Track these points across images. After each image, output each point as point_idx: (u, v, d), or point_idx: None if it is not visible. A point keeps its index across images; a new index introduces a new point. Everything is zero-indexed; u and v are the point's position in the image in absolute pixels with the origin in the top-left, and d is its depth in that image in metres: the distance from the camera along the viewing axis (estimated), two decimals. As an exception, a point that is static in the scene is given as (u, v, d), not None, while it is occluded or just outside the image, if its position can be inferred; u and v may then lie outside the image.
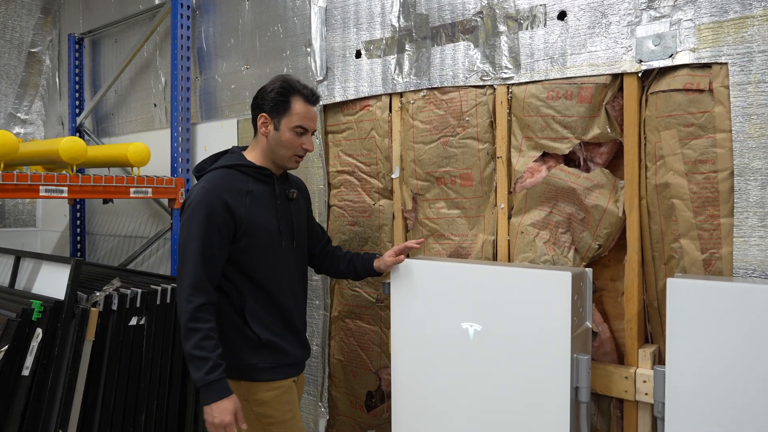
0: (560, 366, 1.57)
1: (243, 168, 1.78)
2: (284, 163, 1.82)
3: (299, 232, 1.91)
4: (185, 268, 1.67)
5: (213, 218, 1.68)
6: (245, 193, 1.75)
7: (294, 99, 1.77)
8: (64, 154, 2.43)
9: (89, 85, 3.70)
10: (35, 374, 2.14)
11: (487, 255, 1.96)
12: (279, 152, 1.79)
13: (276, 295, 1.79)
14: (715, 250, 1.56)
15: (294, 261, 1.88)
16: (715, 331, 1.37)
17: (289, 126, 1.76)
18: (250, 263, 1.76)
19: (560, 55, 1.79)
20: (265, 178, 1.81)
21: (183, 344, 1.66)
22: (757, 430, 1.32)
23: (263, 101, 1.79)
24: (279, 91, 1.77)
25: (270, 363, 1.76)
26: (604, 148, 1.77)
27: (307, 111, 1.78)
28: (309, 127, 1.80)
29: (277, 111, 1.77)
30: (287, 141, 1.77)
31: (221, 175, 1.76)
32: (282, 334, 1.79)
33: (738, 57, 1.50)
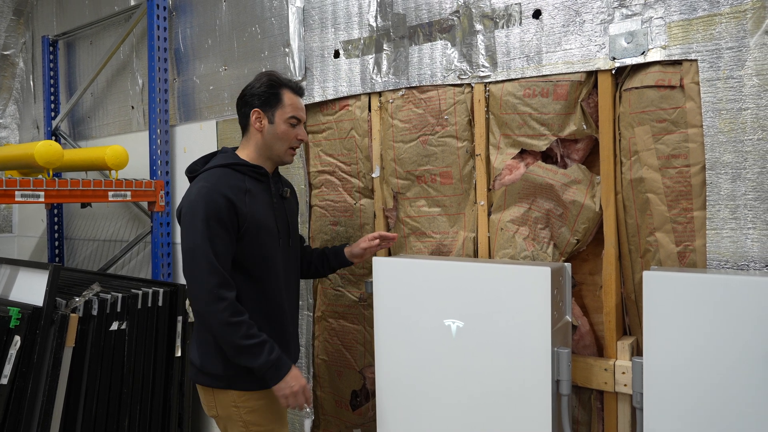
0: (541, 360, 1.59)
1: (238, 167, 1.77)
2: (281, 157, 1.83)
3: (294, 230, 1.93)
4: (202, 269, 1.63)
5: (219, 215, 1.66)
6: (244, 191, 1.73)
7: (283, 91, 1.79)
8: (40, 158, 2.40)
9: (65, 88, 3.65)
10: (14, 383, 2.11)
11: (468, 252, 1.98)
12: (275, 146, 1.80)
13: (273, 295, 1.79)
14: (689, 243, 1.60)
15: (290, 259, 1.89)
16: (690, 321, 1.40)
17: (283, 117, 1.78)
18: (250, 262, 1.74)
19: (536, 53, 1.81)
20: (261, 176, 1.81)
21: (228, 341, 1.63)
22: (732, 417, 1.35)
23: (253, 97, 1.79)
24: (268, 84, 1.78)
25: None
26: (580, 145, 1.79)
27: (297, 101, 1.82)
28: (301, 117, 1.83)
29: (270, 104, 1.78)
30: (283, 133, 1.79)
31: (219, 174, 1.73)
32: (276, 338, 1.77)
33: (707, 54, 1.53)
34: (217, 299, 1.62)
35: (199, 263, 1.64)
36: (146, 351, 2.45)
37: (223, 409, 1.75)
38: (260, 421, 1.75)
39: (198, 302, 1.65)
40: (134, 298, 2.41)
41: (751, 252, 1.49)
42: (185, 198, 1.72)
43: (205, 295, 1.62)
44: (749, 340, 1.32)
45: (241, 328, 1.63)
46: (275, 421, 1.79)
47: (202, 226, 1.64)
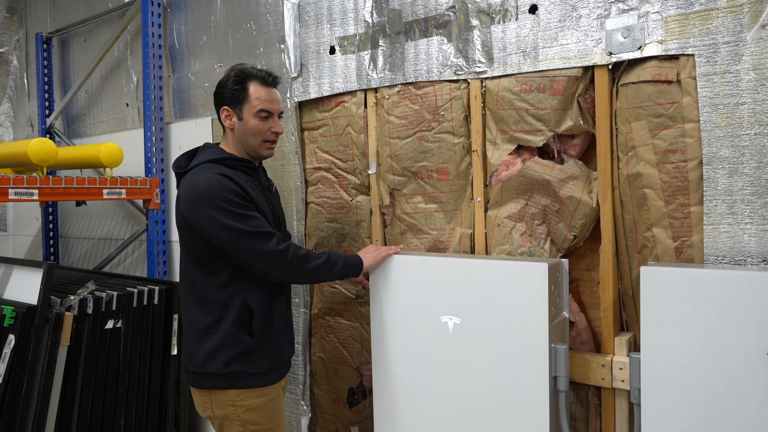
0: (539, 356, 1.58)
1: (229, 161, 1.74)
2: (257, 151, 1.79)
3: (283, 224, 1.93)
4: (250, 241, 1.62)
5: (238, 195, 1.64)
6: (244, 182, 1.71)
7: (251, 84, 1.74)
8: (34, 155, 2.38)
9: (59, 86, 3.63)
10: (8, 381, 2.10)
11: (465, 248, 1.97)
12: (248, 141, 1.77)
13: (276, 288, 1.77)
14: (686, 238, 1.59)
15: None
16: (688, 317, 1.40)
17: (251, 112, 1.74)
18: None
19: (532, 48, 1.80)
20: (251, 170, 1.79)
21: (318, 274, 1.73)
22: (730, 412, 1.35)
23: (221, 95, 1.77)
24: (234, 80, 1.74)
25: (260, 368, 1.72)
26: (577, 140, 1.79)
27: (268, 93, 1.76)
28: (272, 109, 1.77)
29: (237, 100, 1.74)
30: (254, 128, 1.75)
31: (215, 168, 1.70)
32: (278, 334, 1.77)
33: (704, 48, 1.52)
34: (280, 255, 1.64)
35: (241, 240, 1.62)
36: (142, 349, 2.44)
37: (220, 409, 1.73)
38: (258, 419, 1.74)
39: (271, 271, 1.66)
40: (129, 297, 2.40)
41: (748, 247, 1.49)
42: (191, 194, 1.66)
43: (271, 261, 1.64)
44: (747, 335, 1.32)
45: (320, 260, 1.71)
46: (273, 419, 1.78)
47: (230, 207, 1.61)
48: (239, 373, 1.70)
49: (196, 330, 1.74)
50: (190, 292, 1.75)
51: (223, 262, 1.69)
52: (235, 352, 1.69)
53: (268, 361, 1.74)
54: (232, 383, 1.71)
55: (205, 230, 1.64)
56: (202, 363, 1.71)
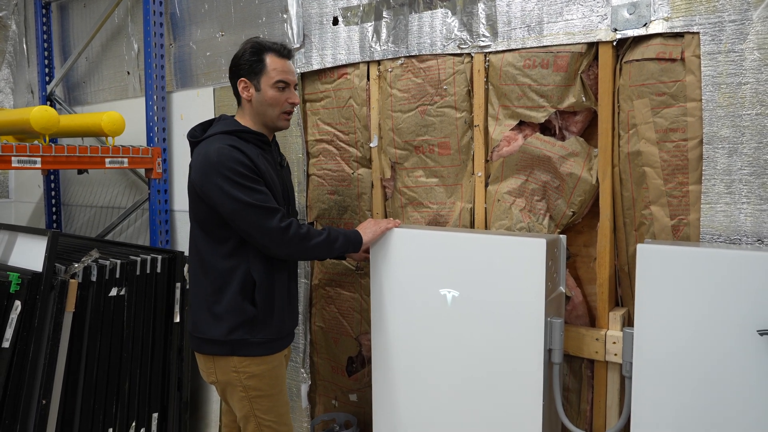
0: (535, 329, 1.62)
1: (242, 134, 1.76)
2: (275, 122, 1.82)
3: (292, 199, 1.96)
4: (256, 215, 1.65)
5: (247, 167, 1.67)
6: (255, 155, 1.74)
7: (267, 56, 1.77)
8: (36, 124, 2.38)
9: (59, 52, 3.60)
10: (15, 346, 2.14)
11: (465, 223, 2.00)
12: (267, 113, 1.79)
13: (278, 263, 1.79)
14: (683, 217, 1.61)
15: None
16: (681, 294, 1.43)
17: (269, 83, 1.77)
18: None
19: (537, 23, 1.79)
20: (263, 144, 1.81)
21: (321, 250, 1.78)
22: (719, 389, 1.39)
23: (238, 67, 1.79)
24: (251, 51, 1.77)
25: (262, 338, 1.76)
26: (579, 117, 1.79)
27: (284, 65, 1.79)
28: (289, 80, 1.80)
29: (255, 72, 1.77)
30: (272, 99, 1.78)
31: (227, 138, 1.73)
32: (280, 306, 1.80)
33: (709, 26, 1.52)
34: (282, 232, 1.67)
35: (248, 214, 1.65)
36: (145, 316, 2.48)
37: (223, 375, 1.78)
38: (260, 386, 1.79)
39: (271, 247, 1.70)
40: (133, 265, 2.43)
41: (744, 226, 1.51)
42: (201, 163, 1.69)
43: (276, 235, 1.67)
44: (739, 313, 1.35)
45: (321, 238, 1.74)
46: (275, 386, 1.83)
47: (238, 179, 1.65)
48: (242, 341, 1.74)
49: (201, 297, 1.78)
50: (197, 260, 1.79)
51: (229, 231, 1.72)
52: (238, 321, 1.73)
53: (269, 331, 1.77)
54: (235, 350, 1.75)
55: (212, 199, 1.67)
56: (206, 329, 1.76)
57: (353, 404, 2.38)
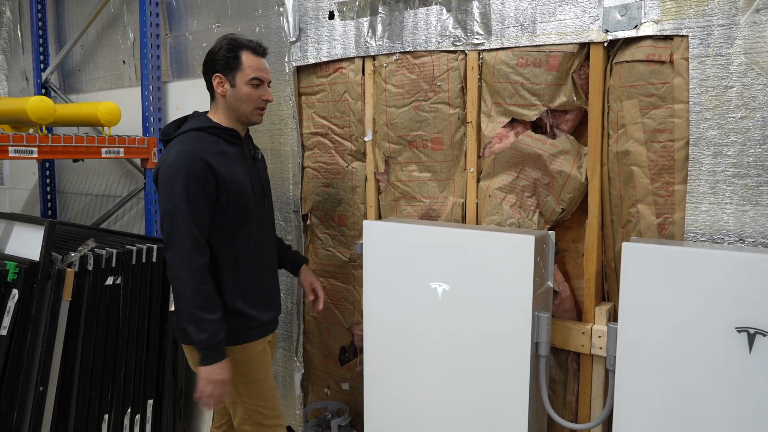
0: (522, 323, 1.67)
1: (213, 130, 1.80)
2: (248, 117, 1.85)
3: (267, 190, 1.99)
4: (179, 231, 1.68)
5: (198, 179, 1.70)
6: (220, 154, 1.77)
7: (243, 53, 1.80)
8: (33, 114, 2.40)
9: (53, 39, 3.59)
10: (13, 334, 2.17)
11: (457, 217, 2.03)
12: (241, 108, 1.82)
13: (249, 255, 1.84)
14: (668, 215, 1.66)
15: (266, 219, 1.95)
16: (664, 291, 1.47)
17: (244, 80, 1.80)
18: (229, 221, 1.79)
19: (530, 22, 1.82)
20: (234, 139, 1.84)
21: (186, 306, 1.68)
22: (698, 383, 1.44)
23: (213, 62, 1.81)
24: (227, 48, 1.79)
25: (239, 329, 1.81)
26: (569, 116, 1.83)
27: (258, 62, 1.83)
28: (264, 77, 1.83)
29: (230, 68, 1.79)
30: (246, 95, 1.81)
31: (195, 138, 1.77)
32: (251, 298, 1.84)
33: (698, 30, 1.55)
34: (188, 263, 1.67)
35: (177, 226, 1.68)
36: (141, 305, 2.51)
37: None
38: (244, 372, 1.83)
39: (173, 264, 1.69)
40: (129, 254, 2.46)
41: (726, 226, 1.55)
42: (163, 161, 1.75)
43: (179, 258, 1.68)
44: (719, 311, 1.40)
45: (201, 297, 1.67)
46: (259, 371, 1.87)
47: (181, 189, 1.68)
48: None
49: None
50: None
51: None
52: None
53: (244, 322, 1.82)
54: None
55: (159, 197, 1.74)
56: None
57: (345, 393, 2.43)
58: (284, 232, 2.49)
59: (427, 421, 1.88)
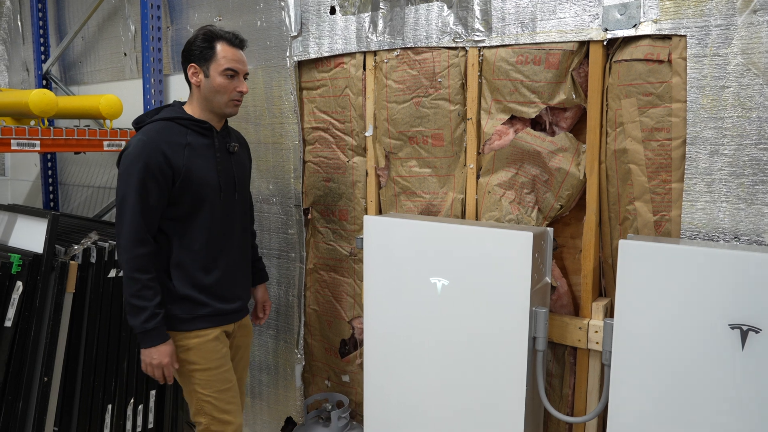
0: (520, 318, 1.70)
1: (181, 121, 1.83)
2: (222, 109, 1.86)
3: (241, 184, 1.98)
4: (124, 220, 1.73)
5: (151, 169, 1.73)
6: (183, 146, 1.80)
7: (219, 44, 1.81)
8: (35, 107, 2.41)
9: (54, 30, 3.59)
10: (17, 325, 2.20)
11: (456, 213, 2.06)
12: (215, 99, 1.84)
13: (209, 246, 1.86)
14: (665, 213, 1.68)
15: (234, 212, 1.95)
16: (660, 288, 1.50)
17: (218, 70, 1.81)
18: (186, 214, 1.82)
19: (530, 20, 1.83)
20: (204, 131, 1.86)
21: (125, 292, 1.76)
22: (692, 379, 1.47)
23: (189, 52, 1.83)
24: (203, 38, 1.81)
25: (189, 314, 1.85)
26: (568, 113, 1.84)
27: (234, 53, 1.83)
28: (239, 69, 1.84)
29: (204, 58, 1.81)
30: (220, 86, 1.82)
31: (159, 128, 1.80)
32: (205, 287, 1.86)
33: (696, 30, 1.57)
34: (127, 251, 1.73)
35: (123, 215, 1.74)
36: (143, 297, 2.54)
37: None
38: (196, 359, 1.86)
39: (117, 251, 1.78)
40: (131, 247, 2.48)
41: (722, 224, 1.58)
42: (124, 149, 1.79)
43: (122, 246, 1.74)
44: (713, 308, 1.43)
45: (135, 285, 1.73)
46: (212, 361, 1.88)
47: (135, 179, 1.72)
48: (174, 316, 1.83)
49: None
50: None
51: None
52: (165, 297, 1.82)
53: (193, 308, 1.85)
54: (172, 325, 1.84)
55: (117, 185, 1.78)
56: None
57: (345, 385, 2.46)
58: (285, 225, 2.51)
59: (426, 413, 1.92)
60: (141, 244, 1.74)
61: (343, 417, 2.35)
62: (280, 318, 2.58)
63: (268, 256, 2.59)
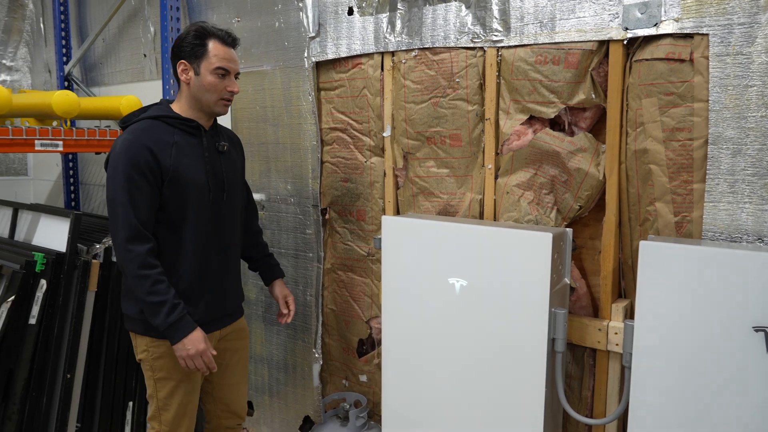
0: (539, 319, 1.69)
1: (169, 119, 1.78)
2: (211, 108, 1.82)
3: (231, 184, 1.92)
4: (118, 220, 1.68)
5: (139, 167, 1.68)
6: (170, 145, 1.75)
7: (211, 41, 1.77)
8: (58, 108, 2.45)
9: (76, 32, 3.64)
10: (41, 323, 2.25)
11: (474, 213, 2.05)
12: (204, 97, 1.79)
13: (198, 248, 1.81)
14: (686, 214, 1.66)
15: (223, 214, 1.89)
16: (682, 290, 1.48)
17: (209, 69, 1.76)
18: (173, 215, 1.76)
19: (549, 19, 1.82)
20: (192, 129, 1.81)
21: (137, 294, 1.69)
22: (713, 382, 1.45)
23: (180, 49, 1.78)
24: (194, 35, 1.76)
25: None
26: (588, 113, 1.83)
27: (226, 52, 1.79)
28: (230, 68, 1.80)
29: (195, 55, 1.76)
30: (210, 84, 1.77)
31: (146, 126, 1.76)
32: (189, 293, 1.79)
33: (719, 28, 1.55)
34: (126, 251, 1.67)
35: (116, 215, 1.68)
36: (163, 296, 2.57)
37: (140, 353, 1.83)
38: (165, 368, 1.81)
39: (116, 254, 1.72)
40: (151, 246, 2.52)
41: (745, 225, 1.56)
42: (111, 149, 1.75)
43: (119, 247, 1.69)
44: (736, 310, 1.41)
45: (146, 283, 1.66)
46: (181, 372, 1.82)
47: (123, 178, 1.67)
48: (148, 321, 1.76)
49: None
50: None
51: None
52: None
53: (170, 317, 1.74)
54: (147, 330, 1.79)
55: (106, 187, 1.74)
56: (124, 305, 1.84)
57: (363, 384, 2.47)
58: (303, 225, 2.52)
59: (444, 413, 1.92)
60: (141, 240, 1.68)
61: (361, 416, 2.36)
62: (298, 317, 2.60)
63: (285, 255, 2.60)
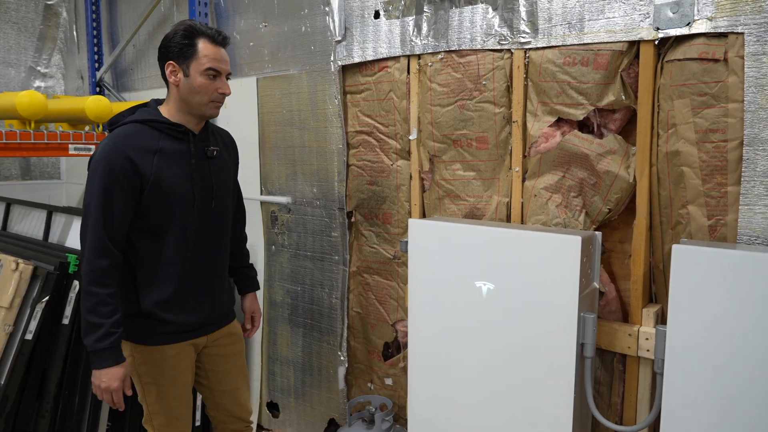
0: (568, 324, 1.67)
1: (155, 124, 1.70)
2: (202, 110, 1.72)
3: (220, 190, 1.84)
4: (88, 230, 1.62)
5: (116, 177, 1.61)
6: (154, 152, 1.67)
7: (200, 41, 1.67)
8: (91, 113, 2.51)
9: (107, 39, 3.73)
10: (74, 323, 2.29)
11: (501, 216, 2.04)
12: (194, 100, 1.70)
13: (181, 256, 1.74)
14: (720, 217, 1.62)
15: (210, 221, 1.82)
16: (716, 295, 1.45)
17: (199, 70, 1.67)
18: (154, 223, 1.70)
19: (578, 20, 1.80)
20: (180, 135, 1.73)
21: (81, 306, 1.64)
22: (749, 391, 1.42)
23: (167, 49, 1.69)
24: (183, 35, 1.67)
25: (152, 330, 1.75)
26: (617, 115, 1.80)
27: (216, 52, 1.70)
28: (221, 69, 1.71)
29: (185, 56, 1.67)
30: (200, 86, 1.68)
31: (129, 131, 1.67)
32: (170, 302, 1.74)
33: (755, 27, 1.51)
34: (87, 263, 1.61)
35: (86, 224, 1.63)
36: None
37: (126, 357, 1.75)
38: (150, 373, 1.77)
39: (80, 261, 1.67)
40: (180, 249, 2.55)
41: (782, 229, 1.51)
42: (93, 153, 1.68)
43: (83, 256, 1.64)
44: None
45: (91, 300, 1.60)
46: (167, 377, 1.79)
47: (98, 186, 1.61)
48: (136, 329, 1.74)
49: None
50: None
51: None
52: (125, 308, 1.72)
53: (156, 325, 1.75)
54: (130, 335, 1.75)
55: (84, 190, 1.68)
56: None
57: (388, 388, 2.47)
58: (329, 228, 2.54)
59: (471, 418, 1.90)
60: (102, 255, 1.61)
61: (386, 420, 2.36)
62: (323, 320, 2.61)
63: (311, 258, 2.62)
